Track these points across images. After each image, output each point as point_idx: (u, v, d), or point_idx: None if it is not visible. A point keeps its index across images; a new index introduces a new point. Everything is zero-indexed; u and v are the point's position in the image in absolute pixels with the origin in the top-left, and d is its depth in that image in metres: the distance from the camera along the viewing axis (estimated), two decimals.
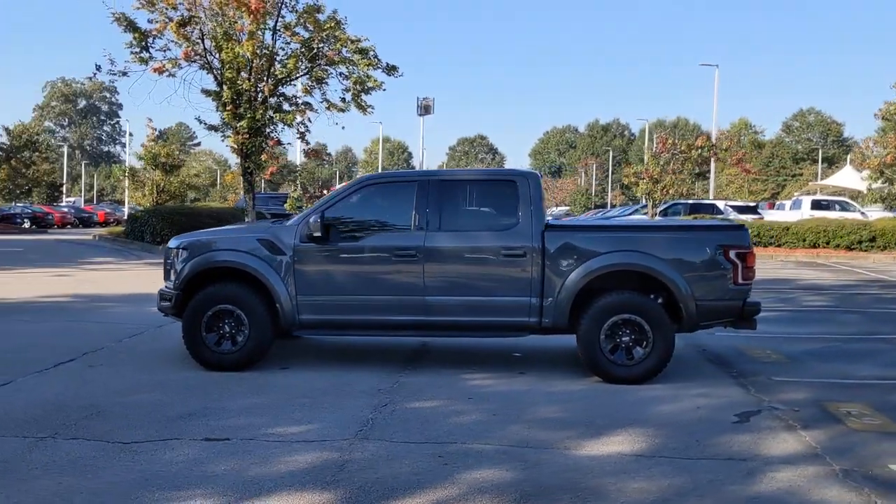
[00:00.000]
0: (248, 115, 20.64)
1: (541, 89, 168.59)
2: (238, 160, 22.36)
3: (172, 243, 8.38)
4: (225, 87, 20.40)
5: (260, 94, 20.86)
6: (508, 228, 7.73)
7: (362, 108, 21.81)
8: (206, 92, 21.36)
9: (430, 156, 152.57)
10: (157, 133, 34.10)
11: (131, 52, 20.04)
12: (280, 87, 21.04)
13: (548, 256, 7.60)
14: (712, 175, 40.44)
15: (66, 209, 55.60)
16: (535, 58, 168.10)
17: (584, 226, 8.38)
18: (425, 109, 78.86)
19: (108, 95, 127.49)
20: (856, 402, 6.92)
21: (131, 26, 20.07)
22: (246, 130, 20.85)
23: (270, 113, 21.11)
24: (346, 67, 20.91)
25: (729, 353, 9.18)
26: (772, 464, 5.31)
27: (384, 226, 7.96)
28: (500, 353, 8.98)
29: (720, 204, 31.40)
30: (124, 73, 20.51)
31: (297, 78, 21.24)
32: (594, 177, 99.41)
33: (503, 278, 7.67)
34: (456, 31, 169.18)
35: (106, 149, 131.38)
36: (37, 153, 44.95)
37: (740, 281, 7.52)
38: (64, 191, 75.67)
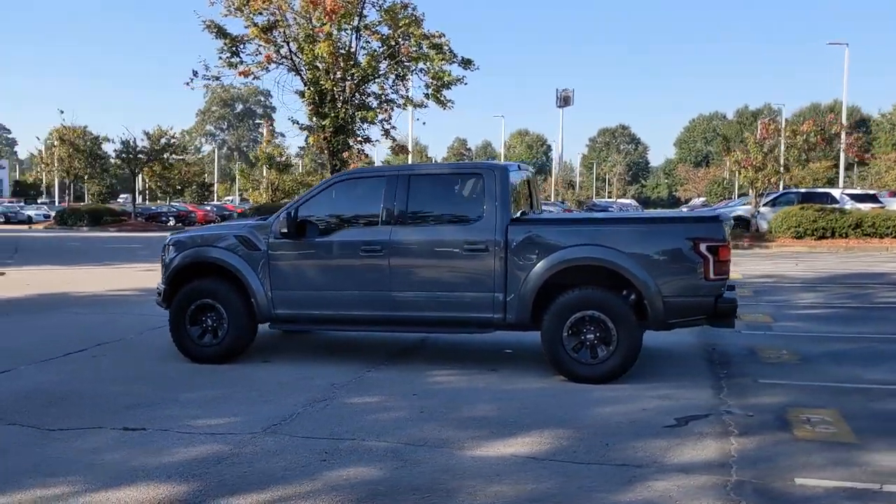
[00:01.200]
0: (331, 115, 21.18)
1: (688, 75, 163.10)
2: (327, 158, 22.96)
3: (167, 239, 8.77)
4: (307, 88, 21.02)
5: (342, 94, 21.33)
6: (472, 222, 7.59)
7: (442, 103, 21.91)
8: (300, 93, 22.09)
9: (569, 147, 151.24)
10: (274, 133, 35.51)
11: (219, 58, 20.98)
12: (362, 86, 21.41)
13: (510, 251, 7.40)
14: (842, 162, 37.79)
15: (208, 208, 58.93)
16: (690, 39, 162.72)
17: (549, 219, 8.09)
18: (564, 101, 78.23)
19: (262, 99, 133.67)
20: (830, 408, 6.34)
21: (221, 33, 21.01)
22: (330, 129, 21.41)
23: (353, 111, 21.54)
24: (425, 63, 21.06)
25: (738, 352, 8.62)
26: (664, 472, 4.96)
27: (354, 221, 8.00)
28: (491, 348, 8.82)
29: (836, 192, 29.35)
30: (217, 79, 21.51)
31: (379, 76, 21.57)
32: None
33: (467, 273, 7.53)
34: (595, 19, 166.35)
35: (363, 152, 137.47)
36: (174, 155, 47.84)
37: (712, 276, 7.04)
38: (214, 190, 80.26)
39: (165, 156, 46.45)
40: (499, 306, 7.45)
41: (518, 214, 7.78)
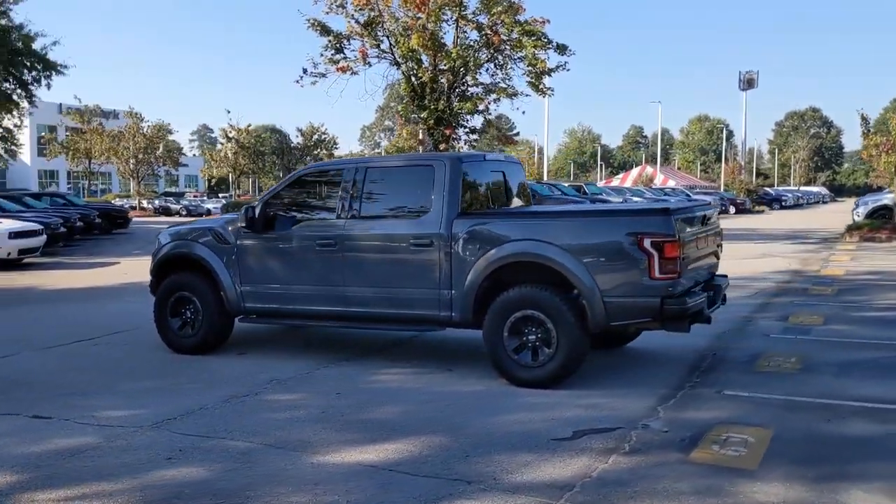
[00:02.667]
0: (430, 107, 21.20)
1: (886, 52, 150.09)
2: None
3: (159, 232, 9.07)
4: (403, 81, 21.14)
5: (439, 85, 21.28)
6: (420, 216, 7.29)
7: (542, 91, 21.35)
8: (400, 86, 22.29)
9: (754, 133, 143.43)
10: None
11: (321, 55, 21.51)
12: (460, 77, 21.26)
13: (454, 246, 7.05)
14: None
15: None
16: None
17: (497, 213, 7.57)
18: (748, 83, 74.40)
19: None
20: (766, 427, 5.58)
21: (325, 30, 21.53)
22: (430, 121, 21.45)
23: (454, 102, 21.44)
24: (521, 51, 20.60)
25: (736, 359, 7.79)
26: (491, 490, 4.53)
27: (314, 215, 7.90)
28: (477, 347, 8.46)
29: None
30: (323, 75, 22.05)
31: (477, 66, 21.33)
32: None
33: (413, 269, 7.25)
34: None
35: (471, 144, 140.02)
36: (326, 150, 49.75)
37: (658, 275, 6.36)
38: None
39: (317, 151, 48.35)
40: (445, 304, 7.12)
41: (490, 208, 7.39)
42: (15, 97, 29.92)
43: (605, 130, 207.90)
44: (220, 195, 78.31)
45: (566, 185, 34.90)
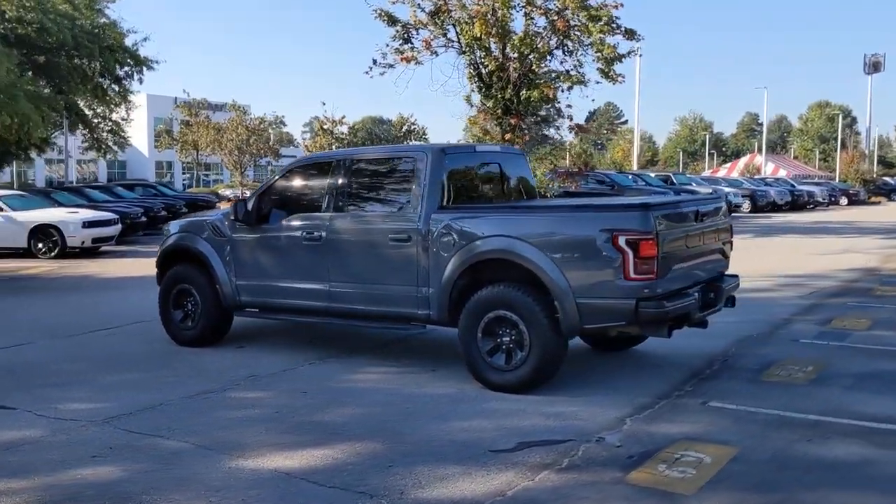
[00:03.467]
0: (497, 96, 20.80)
1: None
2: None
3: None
4: (468, 70, 20.82)
5: (511, 74, 20.83)
6: (400, 210, 7.03)
7: (612, 78, 20.57)
8: (477, 77, 21.96)
9: (879, 120, 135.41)
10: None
11: (386, 45, 21.38)
12: (527, 64, 20.74)
13: (431, 242, 6.75)
14: None
15: None
16: None
17: (474, 206, 7.13)
18: (874, 67, 70.39)
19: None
20: (731, 445, 5.08)
21: (392, 20, 21.40)
22: (497, 110, 21.06)
23: (524, 91, 20.95)
24: (588, 37, 19.90)
25: (746, 366, 7.21)
26: None
27: (303, 209, 7.72)
28: None
29: None
30: (391, 66, 21.93)
31: (546, 53, 20.77)
32: None
33: (394, 265, 6.99)
34: None
35: (542, 132, 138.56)
36: (416, 141, 49.84)
37: (632, 275, 5.89)
38: None
39: (406, 142, 48.53)
40: (424, 302, 6.84)
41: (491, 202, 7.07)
42: (111, 92, 31.23)
43: (717, 118, 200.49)
44: None
45: (653, 175, 33.75)
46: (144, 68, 30.65)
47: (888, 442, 5.14)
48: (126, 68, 30.32)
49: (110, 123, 44.11)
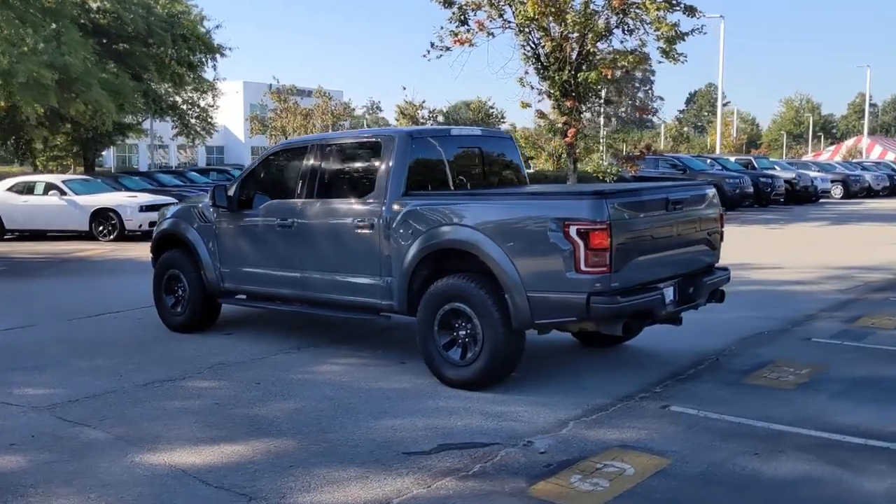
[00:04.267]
0: (554, 77, 20.25)
1: None
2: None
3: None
4: (521, 51, 20.33)
5: (567, 54, 20.22)
6: (364, 197, 6.77)
7: (673, 58, 19.70)
8: (534, 58, 21.46)
9: None
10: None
11: (441, 27, 21.06)
12: (585, 45, 20.07)
13: (392, 230, 6.48)
14: None
15: None
16: None
17: (436, 193, 6.74)
18: None
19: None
20: (665, 456, 4.65)
21: (447, 2, 21.07)
22: (556, 93, 20.52)
23: (581, 73, 20.32)
24: (646, 14, 19.07)
25: (738, 364, 6.70)
26: None
27: (280, 194, 7.55)
28: None
29: None
30: (448, 49, 21.62)
31: (604, 32, 20.05)
32: None
33: (358, 253, 6.76)
34: None
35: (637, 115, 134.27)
36: (492, 125, 49.42)
37: (583, 268, 5.47)
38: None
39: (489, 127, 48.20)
40: (387, 292, 6.58)
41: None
42: (187, 79, 31.98)
43: (828, 99, 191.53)
44: None
45: (733, 159, 32.29)
46: (218, 55, 31.25)
47: (843, 459, 4.60)
48: (199, 55, 30.96)
49: (198, 110, 45.43)
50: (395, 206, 6.45)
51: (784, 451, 4.71)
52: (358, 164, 7.08)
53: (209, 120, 48.61)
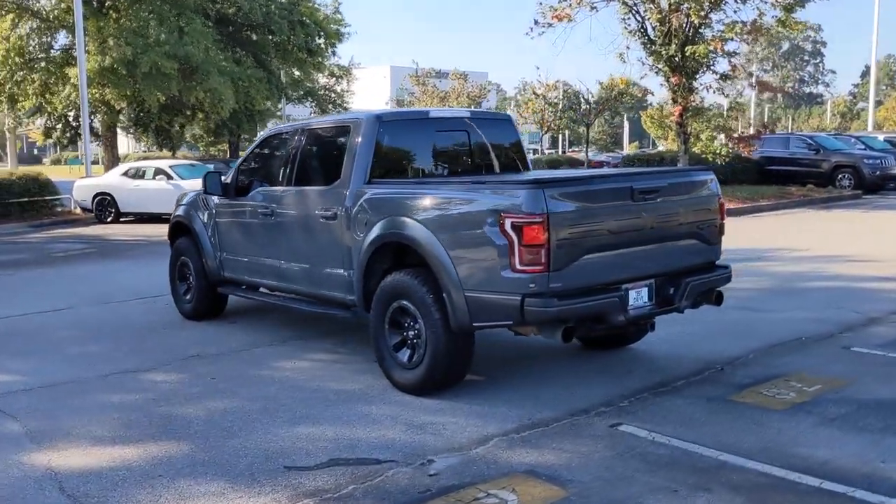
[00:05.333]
0: (661, 52, 19.10)
1: None
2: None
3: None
4: (623, 25, 19.26)
5: (675, 27, 19.00)
6: (331, 185, 6.39)
7: (791, 27, 18.04)
8: (640, 32, 20.38)
9: None
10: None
11: (539, 2, 20.31)
12: (693, 17, 18.74)
13: (352, 220, 6.07)
14: None
15: (604, 157, 56.48)
16: None
17: (393, 181, 6.13)
18: None
19: (811, 34, 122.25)
20: (566, 488, 4.02)
21: None
22: (666, 68, 19.38)
23: (688, 46, 19.05)
24: None
25: (740, 376, 5.86)
26: None
27: (266, 182, 7.30)
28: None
29: None
30: (550, 25, 20.85)
31: (716, 3, 18.66)
32: None
33: (325, 244, 6.40)
34: None
35: (808, 90, 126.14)
36: (621, 104, 47.55)
37: (518, 267, 4.86)
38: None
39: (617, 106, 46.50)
40: (349, 285, 6.20)
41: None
42: (308, 65, 32.67)
43: None
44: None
45: (881, 137, 29.38)
46: (336, 41, 31.71)
47: (776, 501, 3.81)
48: (320, 41, 31.52)
49: (333, 95, 46.53)
50: (356, 195, 6.04)
51: (710, 490, 3.96)
52: (331, 151, 6.69)
53: (345, 105, 49.51)
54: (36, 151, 73.34)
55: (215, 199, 7.74)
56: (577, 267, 4.96)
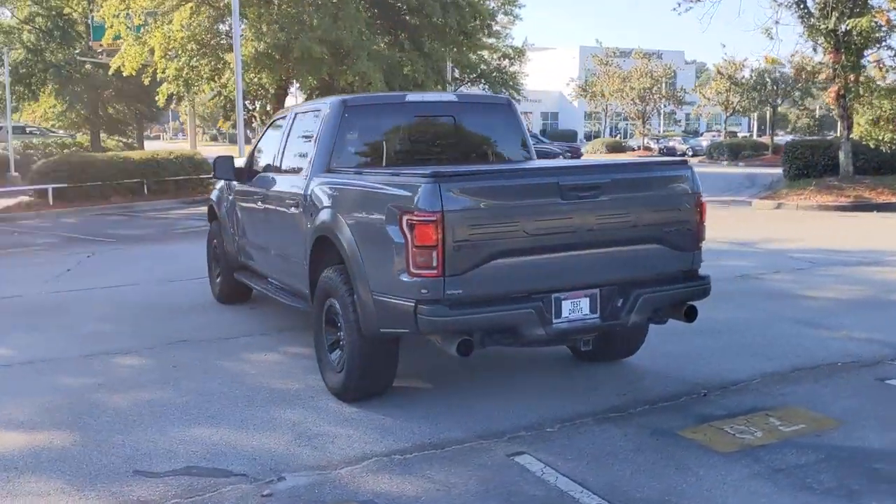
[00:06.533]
0: (820, 27, 17.26)
1: None
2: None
3: None
4: None
5: None
6: (298, 173, 6.12)
7: None
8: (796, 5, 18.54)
9: None
10: None
11: None
12: None
13: (306, 210, 5.78)
14: None
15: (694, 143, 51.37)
16: None
17: (343, 169, 5.57)
18: None
19: None
20: None
21: None
22: (829, 45, 17.54)
23: (853, 20, 17.04)
24: None
25: (721, 405, 5.03)
26: None
27: (265, 168, 7.13)
28: None
29: None
30: None
31: None
32: None
33: (290, 234, 6.14)
34: None
35: None
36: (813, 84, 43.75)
37: (412, 270, 4.36)
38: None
39: (799, 85, 43.07)
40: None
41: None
42: (465, 47, 32.42)
43: None
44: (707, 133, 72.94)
45: None
46: (490, 22, 31.31)
47: None
48: (475, 22, 31.23)
49: (505, 76, 46.26)
50: (312, 184, 5.73)
51: None
52: (306, 137, 6.38)
53: (517, 87, 48.93)
54: (216, 134, 76.99)
55: (235, 183, 7.68)
56: (485, 272, 4.38)
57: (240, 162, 7.80)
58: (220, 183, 8.42)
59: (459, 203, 4.30)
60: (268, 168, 6.94)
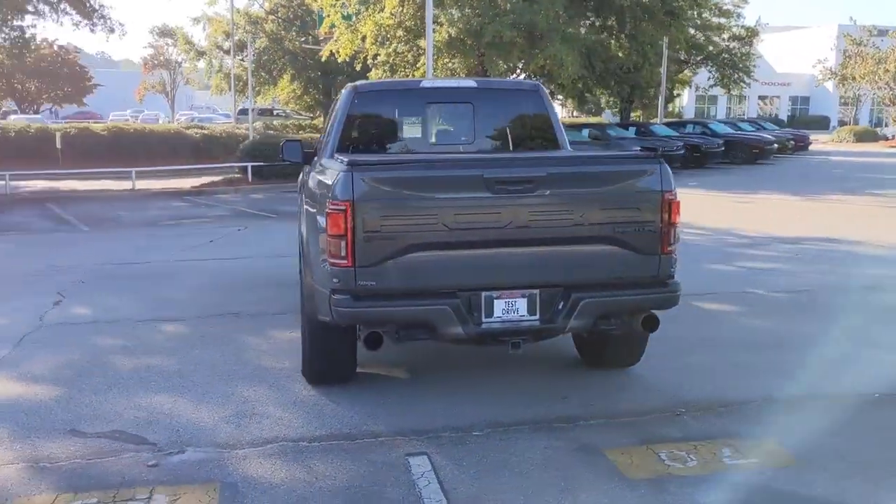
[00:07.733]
0: None
1: None
2: None
3: None
4: None
5: None
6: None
7: None
8: None
9: None
10: None
11: None
12: None
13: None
14: None
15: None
16: None
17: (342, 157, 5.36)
18: None
19: None
20: None
21: None
22: None
23: None
24: None
25: (696, 429, 4.58)
26: None
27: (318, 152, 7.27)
28: None
29: None
30: None
31: None
32: None
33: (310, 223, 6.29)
34: None
35: None
36: None
37: (330, 259, 4.34)
38: None
39: None
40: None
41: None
42: (672, 27, 30.91)
43: None
44: None
45: None
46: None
47: None
48: (681, 2, 29.73)
49: (735, 59, 43.77)
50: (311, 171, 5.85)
51: None
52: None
53: (748, 70, 45.99)
54: None
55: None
56: (402, 265, 4.26)
57: None
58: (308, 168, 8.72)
59: (371, 192, 4.21)
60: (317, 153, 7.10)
